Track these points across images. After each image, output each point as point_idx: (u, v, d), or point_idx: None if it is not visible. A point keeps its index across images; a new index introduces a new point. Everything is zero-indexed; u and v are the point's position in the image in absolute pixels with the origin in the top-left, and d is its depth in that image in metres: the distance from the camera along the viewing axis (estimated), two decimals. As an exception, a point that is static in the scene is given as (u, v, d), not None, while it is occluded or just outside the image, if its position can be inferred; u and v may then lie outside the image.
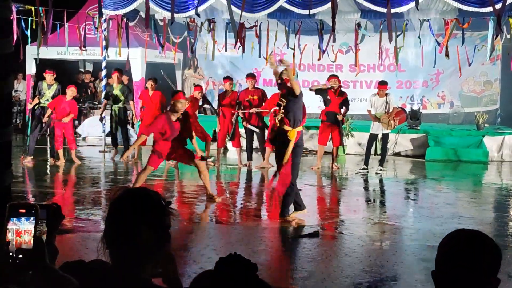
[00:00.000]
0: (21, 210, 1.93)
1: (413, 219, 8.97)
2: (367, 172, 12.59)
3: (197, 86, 13.76)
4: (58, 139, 12.96)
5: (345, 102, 12.92)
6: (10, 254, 1.90)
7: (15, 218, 1.91)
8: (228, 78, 13.42)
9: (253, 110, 12.78)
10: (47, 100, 13.05)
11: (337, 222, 8.40)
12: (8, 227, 1.91)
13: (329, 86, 12.92)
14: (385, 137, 12.76)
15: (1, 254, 1.87)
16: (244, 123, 12.93)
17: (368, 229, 7.97)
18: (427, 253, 6.83)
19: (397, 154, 15.35)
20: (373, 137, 12.89)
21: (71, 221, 7.86)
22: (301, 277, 5.98)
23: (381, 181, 12.24)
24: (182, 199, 10.05)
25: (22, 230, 1.90)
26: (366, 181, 12.02)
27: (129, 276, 2.09)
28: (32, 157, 12.98)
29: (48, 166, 12.89)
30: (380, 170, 12.67)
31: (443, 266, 2.14)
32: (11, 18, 14.29)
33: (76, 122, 17.52)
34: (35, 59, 16.99)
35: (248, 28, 14.81)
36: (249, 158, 13.02)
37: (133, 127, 17.75)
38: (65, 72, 19.35)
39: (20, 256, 1.88)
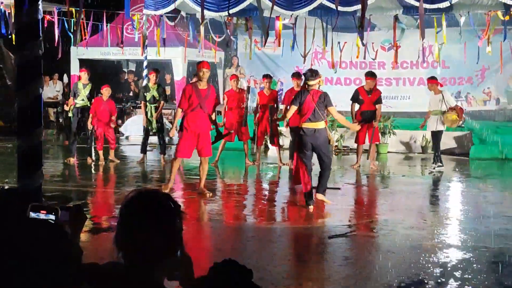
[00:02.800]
0: (42, 211, 1.95)
1: (456, 219, 8.76)
2: (442, 168, 12.65)
3: (232, 75, 13.70)
4: (100, 140, 13.17)
5: (379, 100, 12.72)
6: None
7: (34, 213, 1.93)
8: (266, 77, 13.27)
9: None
10: (82, 100, 13.17)
11: (375, 222, 8.26)
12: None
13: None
14: (439, 134, 12.73)
15: None
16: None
17: (408, 229, 7.80)
18: (472, 254, 6.66)
19: (441, 152, 15.04)
20: (434, 134, 12.88)
21: (109, 220, 7.93)
22: (338, 278, 5.89)
23: (423, 179, 12.03)
24: (223, 197, 10.04)
25: None
26: (407, 179, 11.82)
27: (141, 279, 2.07)
28: (74, 158, 13.21)
29: (90, 165, 13.06)
30: (434, 168, 12.64)
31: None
32: (53, 19, 14.64)
33: (119, 121, 17.73)
34: (79, 60, 17.27)
35: (284, 22, 14.74)
36: (291, 157, 12.81)
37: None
38: (108, 72, 19.65)
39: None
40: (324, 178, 8.96)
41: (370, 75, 12.89)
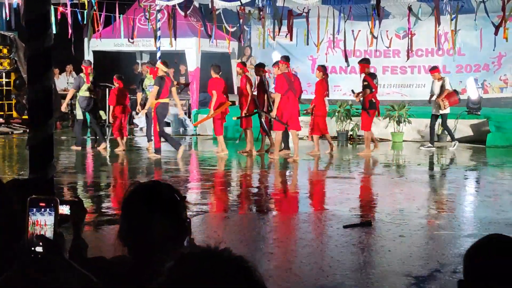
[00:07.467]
0: (41, 204, 1.92)
1: (472, 207, 8.68)
2: (433, 149, 13.58)
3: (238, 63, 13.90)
4: (116, 128, 13.45)
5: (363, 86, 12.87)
6: (32, 248, 1.88)
7: (35, 209, 1.91)
8: (274, 64, 13.40)
9: None
10: (86, 90, 13.67)
11: (391, 211, 8.19)
12: (28, 219, 1.90)
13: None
14: (442, 117, 13.70)
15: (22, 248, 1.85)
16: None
17: (424, 218, 7.74)
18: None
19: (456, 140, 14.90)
20: (432, 117, 13.89)
21: (118, 212, 7.93)
22: (352, 266, 5.85)
23: (439, 168, 11.92)
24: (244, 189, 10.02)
25: (38, 220, 1.89)
26: (423, 168, 11.73)
27: (149, 271, 2.04)
28: (105, 144, 13.81)
29: (103, 156, 13.12)
30: (454, 145, 13.56)
31: (473, 278, 1.86)
32: (66, 11, 14.63)
33: (134, 113, 17.73)
34: (93, 52, 17.26)
35: (295, 16, 14.66)
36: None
37: (189, 116, 17.81)
38: (122, 64, 19.66)
39: (40, 244, 1.86)
40: None
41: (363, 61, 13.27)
